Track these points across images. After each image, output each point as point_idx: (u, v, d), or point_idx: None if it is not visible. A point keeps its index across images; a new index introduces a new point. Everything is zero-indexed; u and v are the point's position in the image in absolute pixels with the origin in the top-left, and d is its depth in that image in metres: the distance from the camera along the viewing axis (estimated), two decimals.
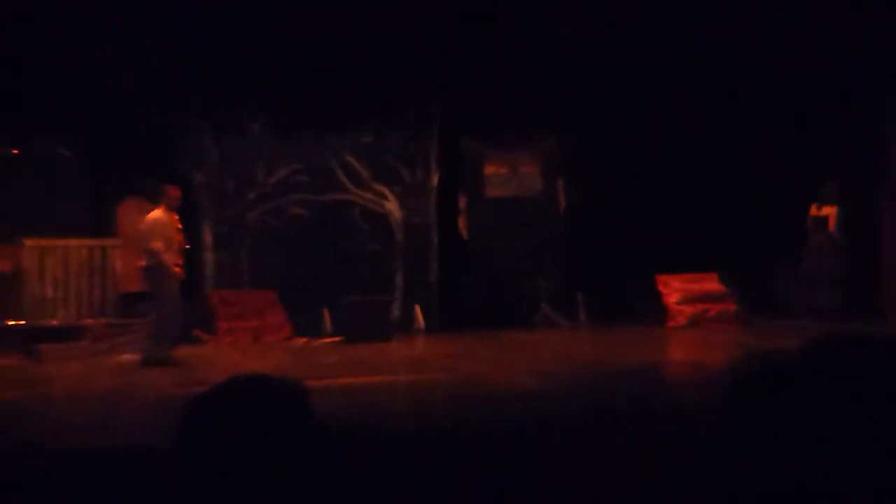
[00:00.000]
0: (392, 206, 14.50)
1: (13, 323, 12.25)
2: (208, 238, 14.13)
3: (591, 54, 13.74)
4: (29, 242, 12.34)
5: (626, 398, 7.53)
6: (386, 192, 14.45)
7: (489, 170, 15.07)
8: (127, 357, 11.42)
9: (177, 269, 10.23)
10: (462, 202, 14.90)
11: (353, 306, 12.85)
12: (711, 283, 13.91)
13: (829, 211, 13.14)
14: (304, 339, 13.00)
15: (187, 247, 10.43)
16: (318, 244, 14.22)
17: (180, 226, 10.32)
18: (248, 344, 12.90)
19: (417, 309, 14.08)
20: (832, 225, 13.09)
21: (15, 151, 13.04)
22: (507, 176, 15.03)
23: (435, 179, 14.75)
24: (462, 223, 14.84)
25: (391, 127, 14.34)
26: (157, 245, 10.08)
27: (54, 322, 12.32)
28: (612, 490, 2.87)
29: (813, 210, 13.29)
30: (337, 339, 12.77)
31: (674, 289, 13.72)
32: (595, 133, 14.25)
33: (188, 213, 13.61)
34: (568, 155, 14.66)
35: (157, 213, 10.29)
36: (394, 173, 14.47)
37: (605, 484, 3.04)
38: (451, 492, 2.75)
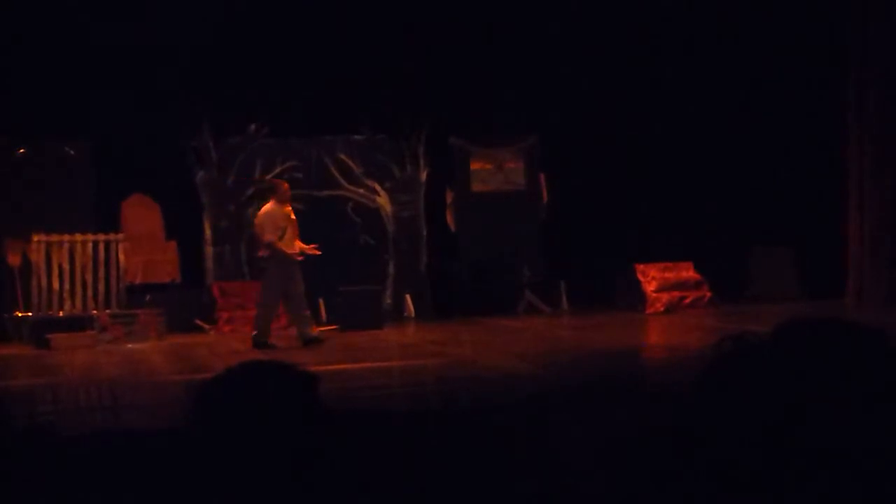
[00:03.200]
0: (383, 201, 14.55)
1: (23, 314, 12.27)
2: (209, 232, 14.13)
3: (570, 56, 13.83)
4: (36, 237, 12.31)
5: (602, 378, 7.60)
6: (377, 187, 14.51)
7: (475, 165, 15.09)
8: (133, 346, 11.43)
9: (297, 257, 10.33)
10: (449, 196, 14.90)
11: (347, 296, 12.89)
12: (687, 272, 13.85)
13: None
14: None
15: (316, 252, 10.54)
16: (313, 237, 13.95)
17: (294, 217, 10.49)
18: (248, 333, 12.65)
19: (408, 298, 14.11)
20: None
21: (22, 151, 13.03)
22: (492, 171, 15.08)
23: (424, 175, 14.78)
24: (450, 216, 14.87)
25: (382, 127, 14.45)
26: (271, 237, 10.17)
27: (62, 313, 12.33)
28: (585, 459, 2.93)
29: None
30: (332, 327, 12.76)
31: (651, 277, 13.66)
32: (575, 130, 14.16)
33: (190, 209, 13.82)
34: (550, 151, 14.73)
35: (268, 207, 10.44)
36: (385, 170, 14.52)
37: (576, 454, 3.09)
38: (444, 467, 2.78)
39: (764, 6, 13.41)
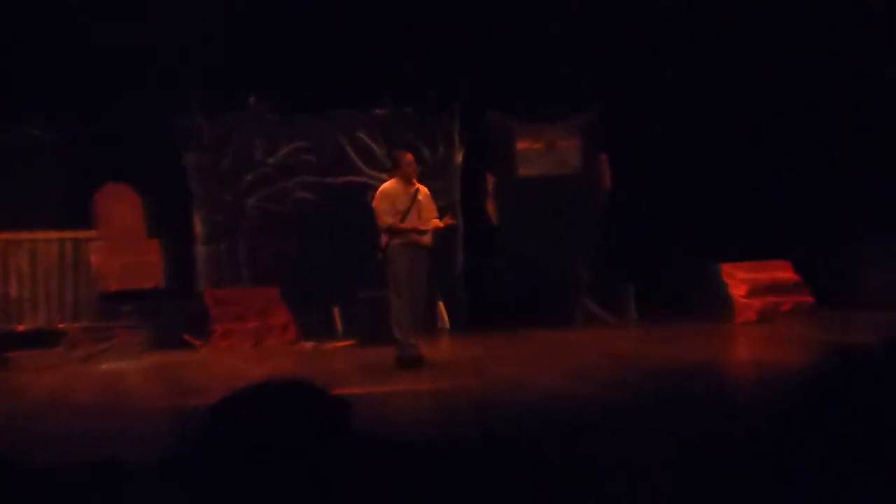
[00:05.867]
0: None
1: None
2: (200, 228, 14.24)
3: (636, 9, 13.81)
4: None
5: (681, 402, 7.61)
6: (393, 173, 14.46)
7: (521, 145, 15.08)
8: (109, 365, 11.48)
9: (424, 241, 10.30)
10: (490, 182, 14.91)
11: (367, 303, 12.88)
12: (784, 272, 13.87)
13: None
14: (312, 343, 13.07)
15: (451, 221, 10.55)
16: (326, 233, 14.32)
17: (423, 193, 10.38)
18: (248, 349, 13.01)
19: (440, 306, 14.08)
20: None
21: None
22: (541, 151, 15.04)
23: (459, 157, 14.80)
24: (491, 206, 14.85)
25: (408, 99, 14.38)
26: (388, 220, 10.18)
27: (22, 327, 12.34)
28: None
29: None
30: (349, 342, 12.84)
31: (740, 279, 13.70)
32: (643, 101, 14.25)
33: (177, 200, 13.91)
34: (612, 126, 14.58)
35: (387, 184, 10.46)
36: (412, 151, 13.70)
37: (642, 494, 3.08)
38: None
39: None
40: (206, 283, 14.06)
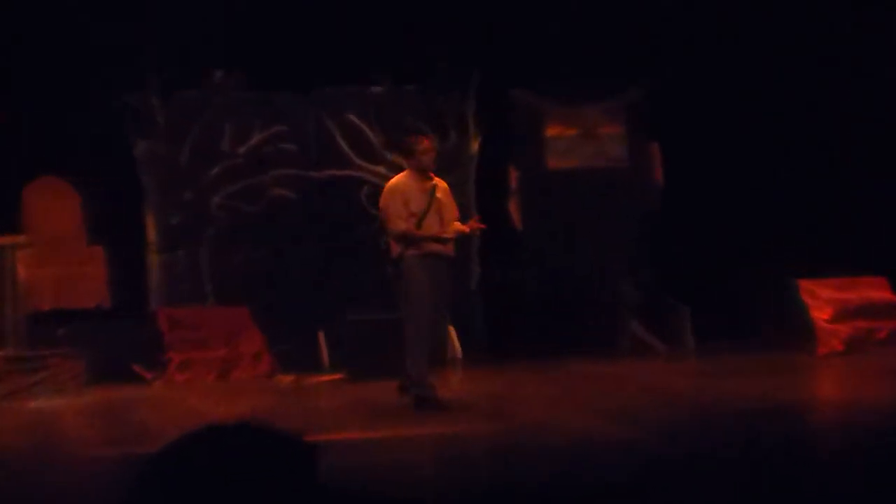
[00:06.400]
0: None
1: None
2: (154, 233, 14.16)
3: None
4: None
5: (749, 456, 7.56)
6: (404, 163, 14.07)
7: (552, 131, 15.05)
8: (40, 403, 11.43)
9: (445, 250, 10.19)
10: (514, 177, 14.84)
11: (359, 327, 12.87)
12: (878, 291, 13.84)
13: None
14: (292, 376, 13.01)
15: (480, 226, 10.42)
16: (310, 239, 14.34)
17: (442, 189, 10.22)
18: (212, 382, 12.98)
19: (451, 330, 13.72)
20: None
21: None
22: (576, 139, 15.01)
23: (475, 146, 14.78)
24: (514, 207, 14.83)
25: (412, 75, 14.40)
26: (398, 226, 10.04)
27: None
28: None
29: None
30: (337, 375, 12.79)
31: (823, 300, 13.65)
32: (703, 77, 14.18)
33: (126, 198, 13.82)
34: (664, 109, 14.52)
35: (397, 179, 10.33)
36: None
37: None
38: None
39: None
40: (161, 302, 14.00)
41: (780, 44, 14.22)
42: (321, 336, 13.57)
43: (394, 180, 10.32)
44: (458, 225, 10.25)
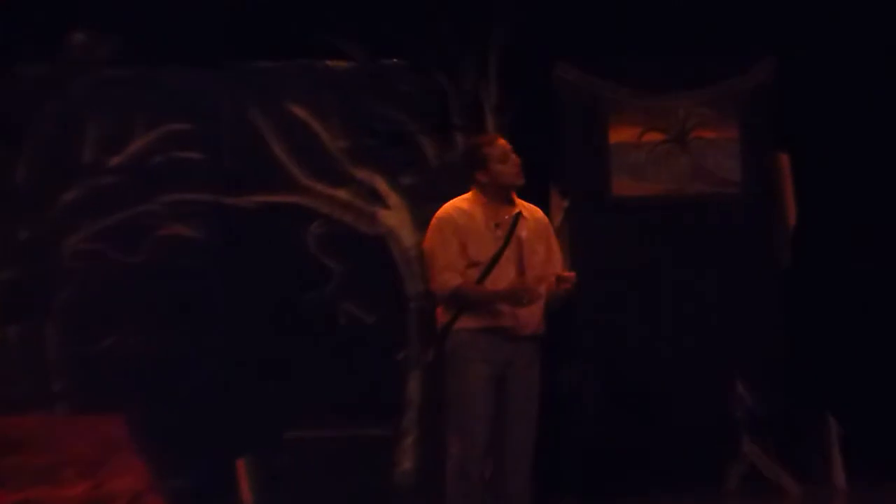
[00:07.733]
0: (395, 217, 12.69)
1: None
2: None
3: None
4: None
5: None
6: (381, 185, 12.67)
7: (618, 135, 13.24)
8: None
9: (520, 321, 8.13)
10: (557, 207, 12.67)
11: (303, 452, 12.13)
12: None
13: None
14: None
15: (569, 276, 8.41)
16: (225, 308, 12.49)
17: (532, 221, 8.41)
18: None
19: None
20: None
21: None
22: (660, 148, 13.10)
23: None
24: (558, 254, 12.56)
25: (397, 42, 12.55)
26: (448, 281, 8.20)
27: None
28: None
29: None
30: None
31: None
32: (855, 59, 12.74)
33: None
34: (797, 103, 12.80)
35: (453, 205, 8.48)
36: (405, 136, 12.85)
37: None
38: None
39: None
40: None
41: None
42: (240, 464, 12.07)
43: (447, 206, 8.45)
44: (551, 280, 8.21)
